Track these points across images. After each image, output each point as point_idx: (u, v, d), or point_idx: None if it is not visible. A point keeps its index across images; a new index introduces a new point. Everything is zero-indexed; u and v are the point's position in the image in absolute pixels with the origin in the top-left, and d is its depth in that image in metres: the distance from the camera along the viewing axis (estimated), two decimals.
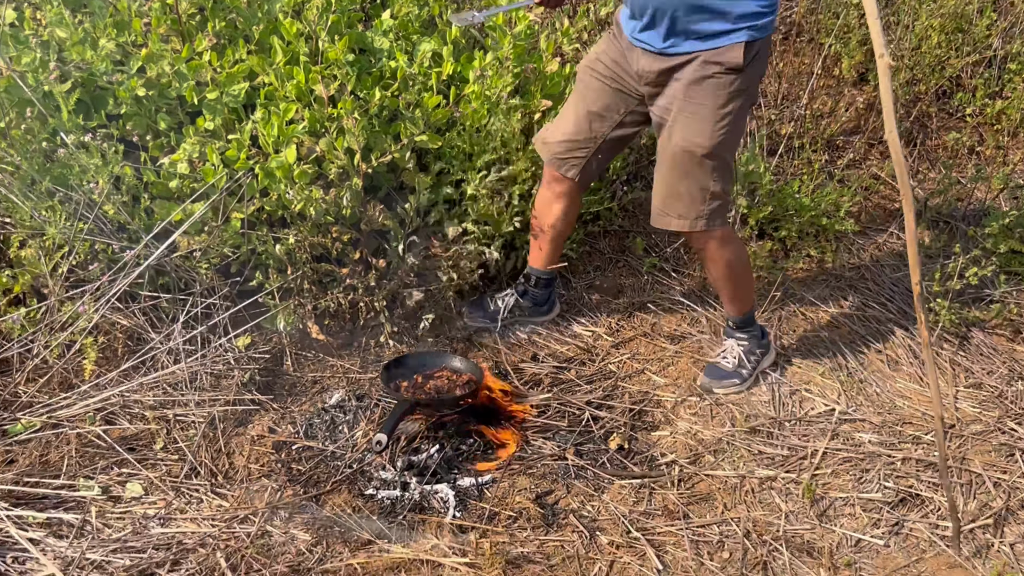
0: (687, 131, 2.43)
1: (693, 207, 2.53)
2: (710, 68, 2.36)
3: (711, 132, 2.41)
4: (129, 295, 2.76)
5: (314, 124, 2.81)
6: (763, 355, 2.90)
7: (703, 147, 2.42)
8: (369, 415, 2.61)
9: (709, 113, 2.39)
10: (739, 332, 2.87)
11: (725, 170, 2.51)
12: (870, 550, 2.22)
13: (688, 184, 2.50)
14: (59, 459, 2.34)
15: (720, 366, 2.85)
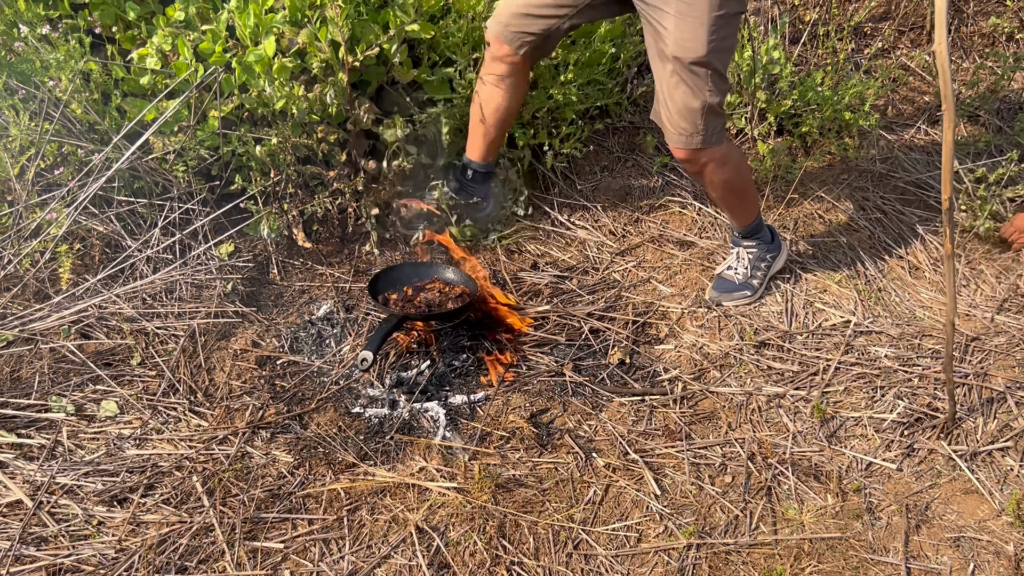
0: (680, 35, 2.18)
1: (688, 122, 2.29)
2: None
3: (706, 38, 2.16)
4: (104, 200, 2.61)
5: (295, 13, 2.59)
6: (773, 259, 2.72)
7: (697, 53, 2.17)
8: (358, 328, 2.49)
9: (702, 14, 2.14)
10: (746, 240, 2.69)
11: (721, 81, 2.26)
12: (881, 474, 2.10)
13: (683, 95, 2.25)
14: (31, 375, 2.24)
15: (728, 277, 2.68)
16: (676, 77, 2.22)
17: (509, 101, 2.60)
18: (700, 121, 2.27)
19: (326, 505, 1.95)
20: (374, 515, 1.93)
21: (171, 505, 1.93)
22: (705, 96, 2.23)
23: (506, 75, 2.55)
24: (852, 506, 2.00)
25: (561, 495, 2.01)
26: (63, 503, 1.91)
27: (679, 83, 2.23)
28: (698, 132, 2.29)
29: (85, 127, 2.57)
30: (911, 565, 1.86)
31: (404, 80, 2.82)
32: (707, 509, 1.99)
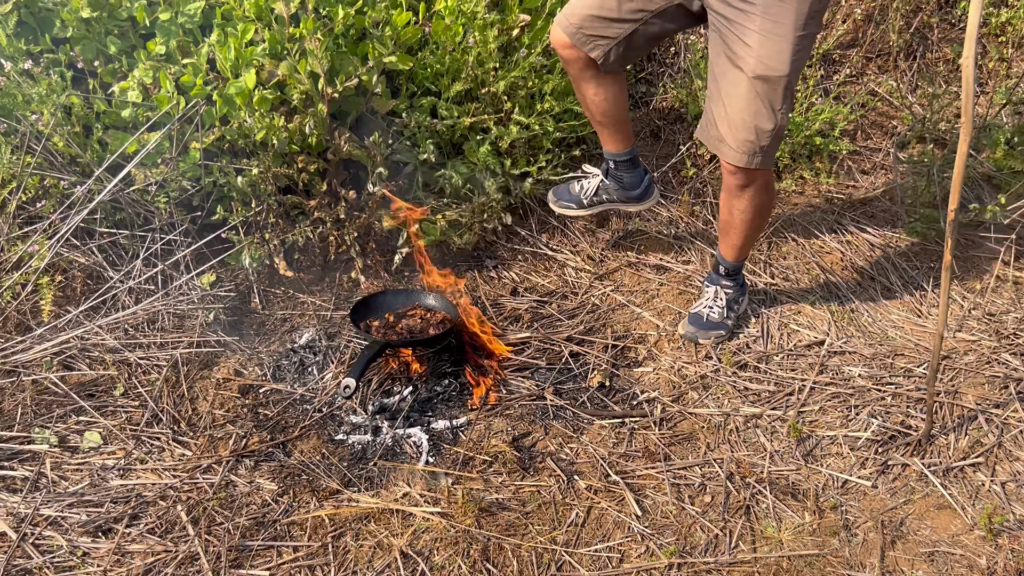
0: (763, 52, 2.17)
1: (755, 140, 2.29)
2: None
3: (789, 57, 2.17)
4: (86, 232, 2.63)
5: (275, 46, 2.64)
6: (744, 302, 2.77)
7: (779, 72, 2.18)
8: (340, 356, 2.51)
9: (788, 33, 2.16)
10: (727, 280, 2.70)
11: (791, 102, 2.28)
12: (857, 491, 2.14)
13: (755, 113, 2.25)
14: (13, 407, 2.24)
15: (704, 315, 2.68)
16: (753, 93, 2.22)
17: (608, 93, 2.58)
18: (766, 140, 2.28)
19: (311, 532, 1.97)
20: (359, 541, 1.95)
21: (156, 535, 1.94)
22: (777, 116, 2.25)
23: (592, 75, 2.53)
24: (829, 523, 2.04)
25: (544, 518, 2.04)
26: (47, 535, 1.91)
27: (754, 99, 2.22)
28: (760, 152, 2.30)
29: (67, 160, 2.59)
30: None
31: (383, 110, 2.87)
32: (687, 529, 2.02)
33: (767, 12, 2.14)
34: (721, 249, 2.68)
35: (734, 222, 2.55)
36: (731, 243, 2.62)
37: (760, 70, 2.19)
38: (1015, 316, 2.81)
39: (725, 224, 2.60)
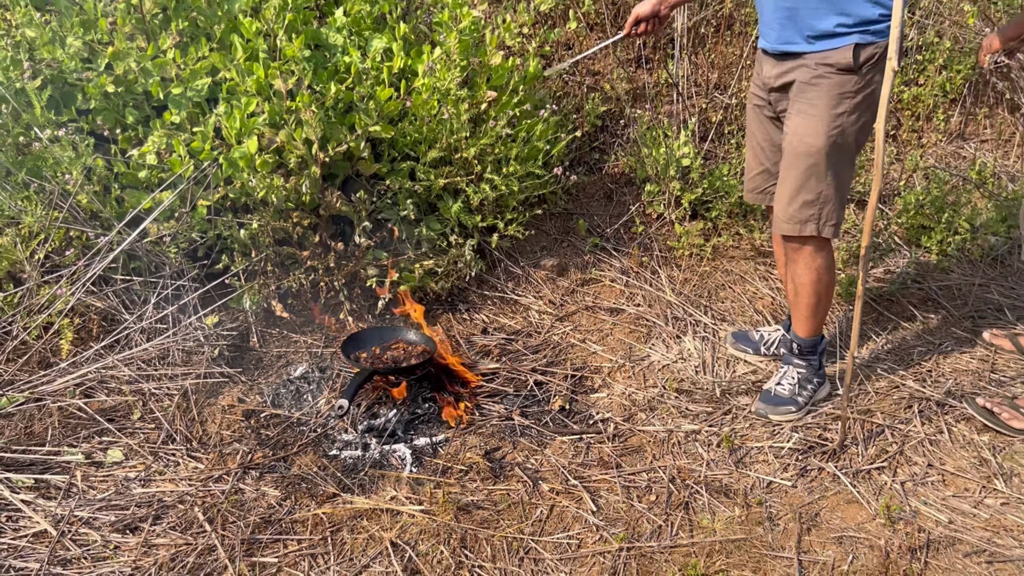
0: (800, 129, 2.49)
1: (808, 212, 2.55)
2: (821, 69, 2.45)
3: (825, 132, 2.45)
4: (103, 279, 2.95)
5: (274, 116, 3.02)
6: (819, 385, 2.88)
7: (815, 147, 2.47)
8: (331, 385, 2.84)
9: (822, 112, 2.45)
10: (799, 359, 2.86)
11: (839, 174, 2.52)
12: (779, 491, 2.51)
13: (803, 186, 2.53)
14: (43, 430, 2.54)
15: (776, 393, 2.83)
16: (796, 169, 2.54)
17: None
18: (814, 209, 2.55)
19: (312, 528, 2.28)
20: (354, 534, 2.26)
21: (177, 531, 2.23)
22: (822, 188, 2.52)
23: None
24: (755, 515, 2.40)
25: (513, 514, 2.37)
26: (83, 531, 2.20)
27: (798, 176, 2.54)
28: (811, 220, 2.56)
29: (88, 214, 2.93)
30: (802, 558, 2.25)
31: (368, 173, 3.26)
32: (635, 521, 2.36)
33: (800, 94, 2.50)
34: (793, 325, 2.87)
35: (796, 289, 2.75)
36: (799, 314, 2.80)
37: (797, 144, 2.51)
38: (919, 350, 3.23)
39: (791, 295, 2.81)
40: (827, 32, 2.43)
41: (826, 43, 2.44)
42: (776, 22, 2.53)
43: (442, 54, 3.21)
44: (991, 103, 4.81)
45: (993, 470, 2.60)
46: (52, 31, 2.98)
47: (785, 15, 2.49)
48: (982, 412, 2.78)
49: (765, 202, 2.89)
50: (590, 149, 4.11)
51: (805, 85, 2.50)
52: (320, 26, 3.33)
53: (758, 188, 2.90)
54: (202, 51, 3.07)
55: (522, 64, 3.48)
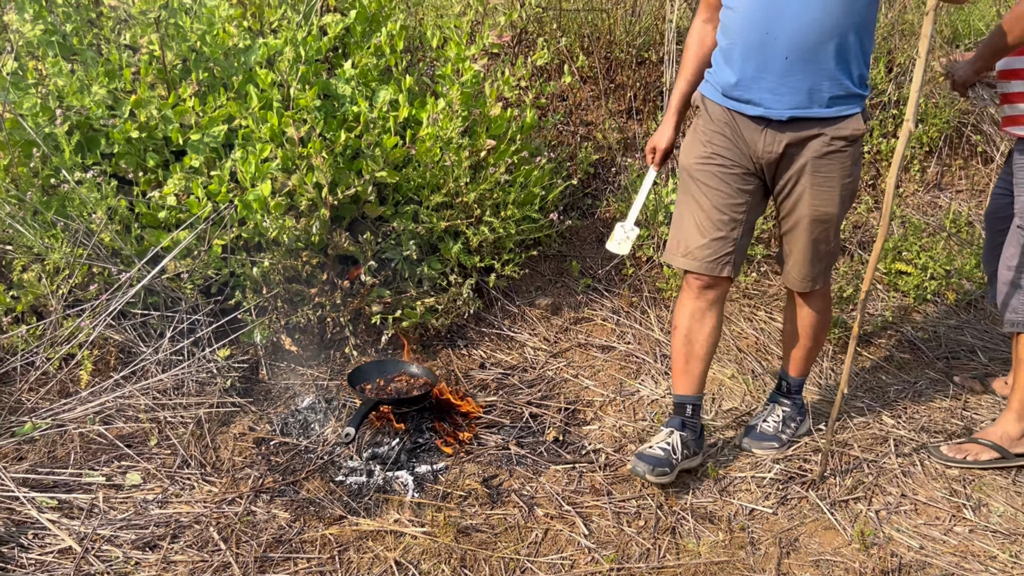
0: (817, 201, 2.54)
1: (820, 267, 2.71)
2: (837, 143, 2.46)
3: (839, 200, 2.55)
4: (121, 313, 3.11)
5: (286, 162, 3.21)
6: (801, 422, 3.03)
7: (831, 214, 2.57)
8: (337, 415, 3.00)
9: (836, 183, 2.52)
10: (786, 398, 3.02)
11: (840, 229, 2.72)
12: (761, 517, 2.66)
13: (818, 248, 2.65)
14: (66, 454, 2.68)
15: (761, 430, 2.98)
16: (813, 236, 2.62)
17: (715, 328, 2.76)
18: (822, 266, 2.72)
19: (320, 547, 2.42)
20: (360, 554, 2.40)
21: (194, 549, 2.37)
22: (832, 246, 2.69)
23: (717, 298, 2.73)
24: (738, 540, 2.55)
25: (510, 537, 2.51)
26: (105, 548, 2.34)
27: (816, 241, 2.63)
28: (822, 274, 2.74)
29: (110, 252, 3.10)
30: None
31: (373, 215, 3.44)
32: (625, 544, 2.51)
33: (816, 169, 2.50)
34: (785, 364, 3.01)
35: (797, 331, 2.89)
36: (796, 355, 2.94)
37: (815, 215, 2.56)
38: (895, 388, 3.41)
39: (789, 336, 2.94)
40: (844, 94, 2.41)
41: (842, 107, 2.42)
42: (786, 88, 2.41)
43: (445, 105, 3.42)
44: (966, 155, 5.05)
45: (962, 500, 2.76)
46: (79, 80, 3.18)
47: (801, 80, 2.39)
48: (949, 460, 2.94)
49: (715, 272, 2.65)
50: (583, 195, 4.31)
51: (820, 160, 2.48)
52: (330, 77, 3.53)
53: (712, 256, 2.64)
54: (220, 100, 3.27)
55: (519, 115, 3.69)
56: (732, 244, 2.64)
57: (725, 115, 2.57)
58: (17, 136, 3.10)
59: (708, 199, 2.62)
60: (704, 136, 2.61)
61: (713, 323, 2.74)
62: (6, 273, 3.16)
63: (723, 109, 2.57)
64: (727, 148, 2.58)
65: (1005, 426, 2.93)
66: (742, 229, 2.65)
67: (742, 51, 2.44)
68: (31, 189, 3.02)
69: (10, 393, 2.89)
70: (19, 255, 3.05)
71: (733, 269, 2.67)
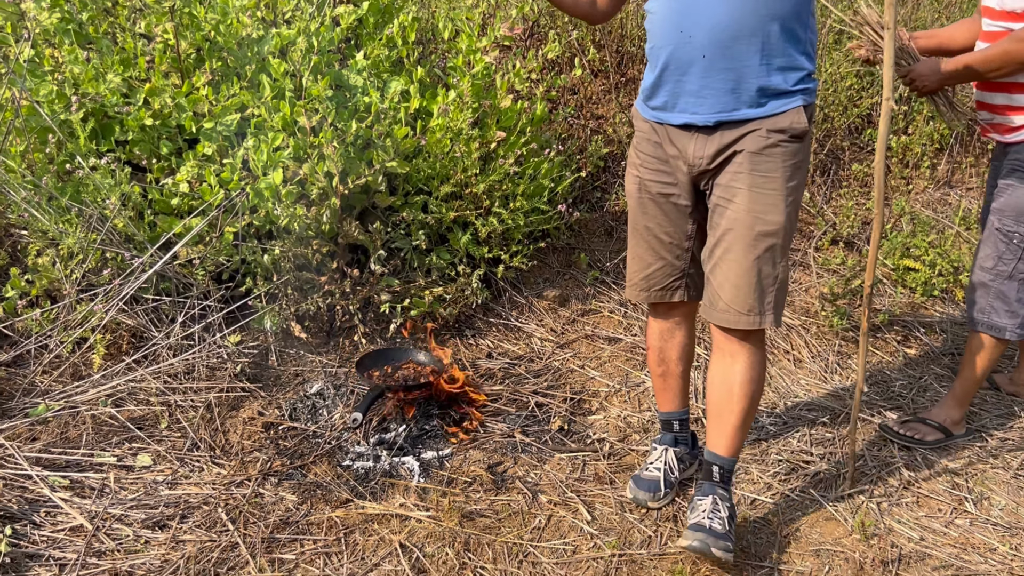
0: (757, 207, 2.16)
1: (762, 298, 2.23)
2: (774, 137, 2.15)
3: (784, 207, 2.16)
4: (133, 298, 3.15)
5: (298, 151, 3.24)
6: (735, 516, 2.46)
7: (775, 224, 2.16)
8: (345, 401, 3.03)
9: (779, 186, 2.16)
10: (722, 486, 2.42)
11: (788, 253, 2.25)
12: (762, 507, 2.68)
13: (761, 271, 2.20)
14: (78, 435, 2.72)
15: (710, 527, 2.33)
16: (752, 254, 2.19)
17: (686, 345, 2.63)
18: (771, 296, 2.24)
19: (327, 529, 2.45)
20: (365, 536, 2.44)
21: (202, 529, 2.41)
22: (778, 271, 2.23)
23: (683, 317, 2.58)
24: (740, 529, 2.57)
25: (513, 522, 2.54)
26: (115, 527, 2.38)
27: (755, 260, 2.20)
28: (768, 310, 2.25)
29: (123, 238, 3.15)
30: (782, 568, 2.43)
31: (383, 205, 3.48)
32: (627, 531, 2.54)
33: (754, 168, 2.16)
34: (711, 443, 2.41)
35: (728, 393, 2.34)
36: (725, 426, 2.37)
37: (754, 224, 2.16)
38: (900, 383, 3.42)
39: (717, 403, 2.37)
40: (775, 90, 2.15)
41: (776, 104, 2.15)
42: (708, 90, 2.17)
43: (455, 97, 3.45)
44: (977, 152, 5.05)
45: (964, 493, 2.77)
46: (95, 68, 3.22)
47: (723, 80, 2.15)
48: (898, 436, 3.04)
49: (665, 298, 2.50)
50: (592, 188, 4.33)
51: (757, 156, 2.16)
52: (342, 68, 3.57)
53: (658, 285, 2.48)
54: (233, 89, 3.31)
55: (530, 107, 3.71)
56: (679, 271, 2.45)
57: (653, 130, 2.35)
58: (33, 123, 3.15)
59: (647, 225, 2.43)
60: (638, 159, 2.41)
61: (682, 339, 2.60)
62: (21, 257, 3.21)
63: (651, 124, 2.35)
64: (660, 169, 2.35)
65: (948, 411, 3.07)
66: (688, 257, 2.43)
67: (661, 54, 2.22)
68: (46, 175, 3.06)
69: (24, 375, 2.94)
70: (34, 240, 3.09)
71: (686, 293, 2.49)
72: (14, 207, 3.04)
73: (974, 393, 3.04)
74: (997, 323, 2.88)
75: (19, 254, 3.22)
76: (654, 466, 2.68)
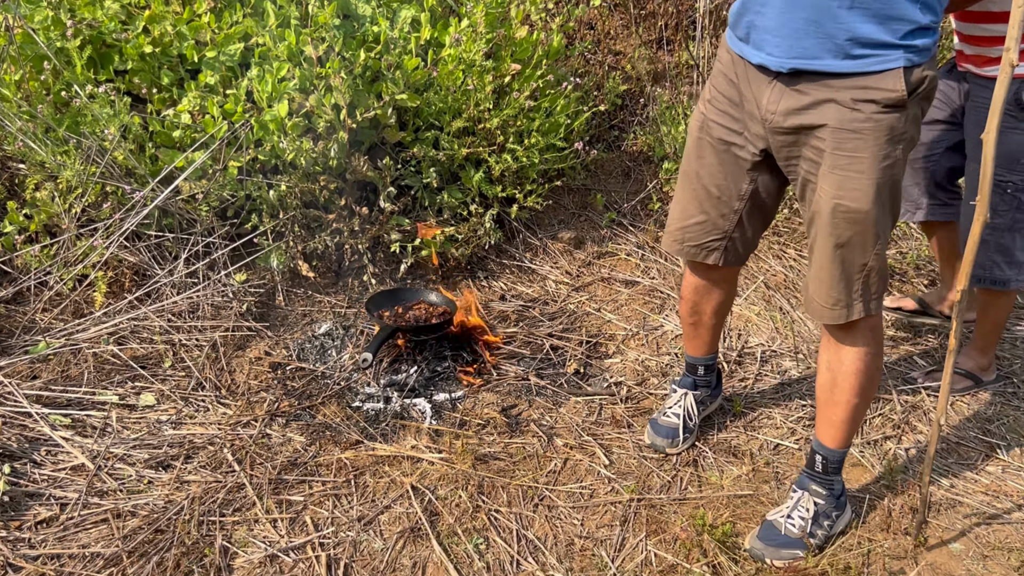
0: (841, 191, 1.88)
1: (848, 289, 1.98)
2: (864, 109, 1.82)
3: (874, 192, 1.86)
4: (135, 234, 3.05)
5: (304, 82, 3.10)
6: (838, 517, 2.26)
7: (862, 212, 1.87)
8: (355, 342, 2.94)
9: (868, 167, 1.84)
10: (819, 481, 2.22)
11: (885, 236, 1.95)
12: (786, 452, 2.59)
13: (844, 261, 1.95)
14: (79, 373, 2.64)
15: (782, 528, 2.19)
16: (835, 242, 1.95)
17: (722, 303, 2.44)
18: (860, 286, 1.98)
19: (336, 471, 2.37)
20: (376, 478, 2.36)
21: (208, 469, 2.34)
22: (869, 259, 1.95)
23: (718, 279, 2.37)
24: (762, 474, 2.48)
25: (528, 466, 2.46)
26: (118, 467, 2.31)
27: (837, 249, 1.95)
28: (856, 301, 1.99)
29: (124, 171, 3.03)
30: None
31: (393, 140, 3.34)
32: (646, 475, 2.45)
33: (839, 146, 1.86)
34: (818, 430, 2.21)
35: (834, 380, 2.12)
36: (831, 416, 2.16)
37: (842, 214, 1.89)
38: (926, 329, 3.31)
39: (824, 389, 2.16)
40: (869, 41, 1.77)
41: (866, 62, 1.78)
42: (787, 29, 1.83)
43: (468, 26, 3.29)
44: None
45: (996, 440, 2.68)
46: None
47: (804, 20, 1.80)
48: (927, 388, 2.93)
49: (699, 257, 2.27)
50: (609, 127, 4.19)
51: (840, 133, 1.85)
52: None
53: (695, 241, 2.24)
54: (236, 16, 3.16)
55: (546, 39, 3.55)
56: (720, 232, 2.19)
57: (733, 63, 2.02)
58: (28, 50, 3.02)
59: (698, 172, 2.15)
60: (708, 94, 2.11)
61: (720, 298, 2.39)
62: (19, 191, 3.10)
63: (732, 56, 2.02)
64: (728, 112, 2.05)
65: (975, 358, 2.97)
66: (735, 219, 2.17)
67: None
68: (42, 104, 2.94)
69: (24, 312, 2.85)
70: (32, 173, 2.98)
71: (723, 257, 2.23)
72: (10, 138, 2.92)
73: (997, 340, 2.93)
74: (1000, 276, 2.74)
75: (17, 188, 3.11)
76: (672, 411, 2.58)
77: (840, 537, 2.26)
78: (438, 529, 2.20)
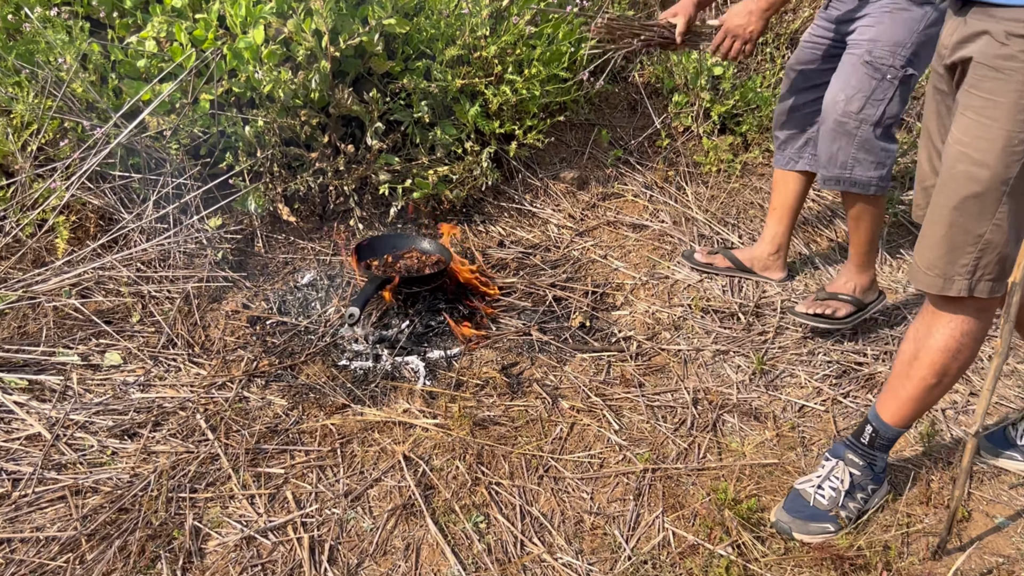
0: (966, 138, 1.65)
1: (952, 258, 1.72)
2: (1014, 44, 1.57)
3: (1003, 147, 1.61)
4: (99, 175, 2.78)
5: (281, 5, 2.80)
6: (874, 492, 2.05)
7: (985, 166, 1.63)
8: (341, 293, 2.70)
9: (1003, 115, 1.60)
10: (860, 452, 2.02)
11: (1017, 208, 1.66)
12: (813, 415, 2.38)
13: (957, 222, 1.69)
14: (37, 330, 2.40)
15: (811, 498, 2.00)
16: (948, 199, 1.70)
17: None
18: (968, 259, 1.71)
19: (320, 439, 2.16)
20: (364, 447, 2.14)
21: (178, 438, 2.11)
22: (986, 229, 1.68)
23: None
24: (787, 440, 2.28)
25: (531, 431, 2.24)
26: (78, 436, 2.08)
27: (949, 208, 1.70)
28: (960, 276, 1.73)
29: (84, 105, 2.75)
30: None
31: (380, 71, 3.05)
32: (661, 442, 2.24)
33: (977, 85, 1.64)
34: (880, 401, 1.98)
35: (915, 359, 1.86)
36: (900, 390, 1.91)
37: (962, 166, 1.66)
38: None
39: (899, 361, 1.91)
40: None
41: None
42: None
43: None
44: None
45: None
46: None
47: None
48: (807, 317, 2.68)
49: None
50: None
51: (983, 69, 1.62)
52: None
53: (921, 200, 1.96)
54: None
55: None
56: None
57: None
58: None
59: (927, 123, 1.88)
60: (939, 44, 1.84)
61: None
62: None
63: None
64: (939, 53, 1.81)
65: (854, 279, 2.72)
66: None
67: None
68: None
69: None
70: None
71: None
72: None
73: (874, 254, 2.71)
74: (860, 178, 2.48)
75: None
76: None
77: (875, 513, 2.06)
78: (433, 505, 1.99)
